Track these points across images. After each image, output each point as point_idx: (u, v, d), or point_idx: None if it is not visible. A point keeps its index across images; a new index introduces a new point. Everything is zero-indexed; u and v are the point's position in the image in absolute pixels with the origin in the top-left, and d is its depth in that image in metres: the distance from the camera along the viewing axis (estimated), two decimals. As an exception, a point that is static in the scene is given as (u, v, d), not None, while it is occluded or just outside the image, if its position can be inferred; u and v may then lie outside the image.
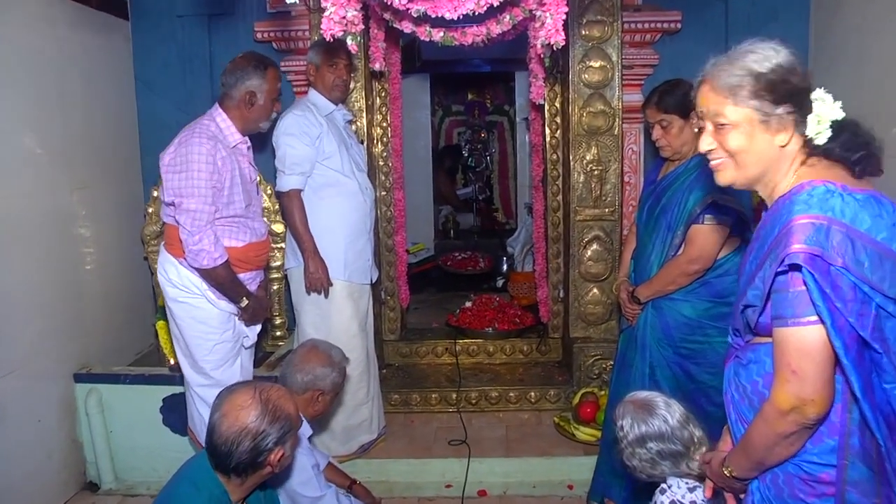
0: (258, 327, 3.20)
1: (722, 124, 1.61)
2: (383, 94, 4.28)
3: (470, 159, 8.62)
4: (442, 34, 2.80)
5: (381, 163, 4.33)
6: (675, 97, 2.77)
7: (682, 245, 2.76)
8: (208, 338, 2.96)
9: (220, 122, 2.90)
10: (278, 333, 4.27)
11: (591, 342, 4.08)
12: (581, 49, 3.86)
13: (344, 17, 2.33)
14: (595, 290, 4.07)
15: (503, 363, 4.47)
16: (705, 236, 2.69)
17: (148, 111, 4.39)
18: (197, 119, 2.92)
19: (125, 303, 4.12)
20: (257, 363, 3.86)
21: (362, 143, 3.83)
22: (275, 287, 4.18)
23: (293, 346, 3.53)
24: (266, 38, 4.12)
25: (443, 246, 7.25)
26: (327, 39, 2.33)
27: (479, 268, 6.50)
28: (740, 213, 2.66)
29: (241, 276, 2.98)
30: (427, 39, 2.84)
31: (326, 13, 2.30)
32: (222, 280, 2.87)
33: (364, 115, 3.96)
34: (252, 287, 3.06)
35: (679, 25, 4.04)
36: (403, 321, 4.63)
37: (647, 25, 4.01)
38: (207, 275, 2.85)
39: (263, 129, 3.02)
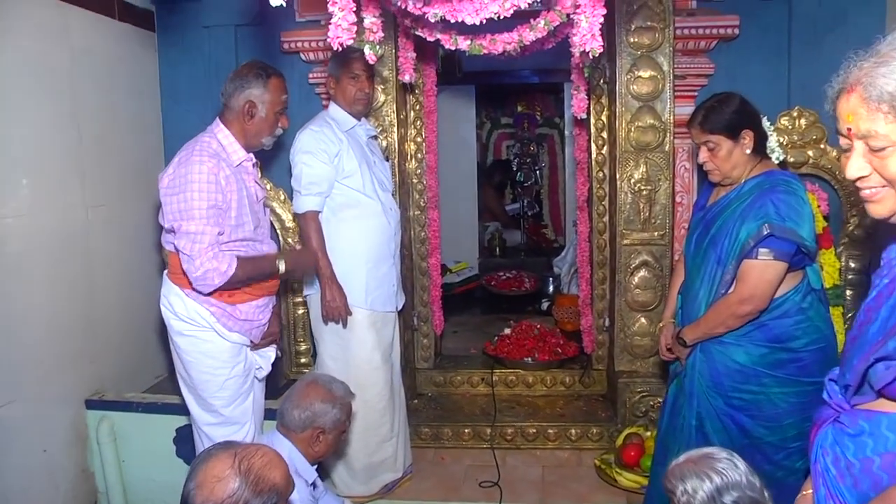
0: (272, 356, 2.96)
1: (881, 147, 1.30)
2: (417, 108, 4.03)
3: (519, 174, 8.32)
4: (469, 42, 2.52)
5: (414, 180, 4.08)
6: (722, 115, 2.45)
7: (734, 282, 2.42)
8: (218, 373, 2.73)
9: (222, 139, 2.68)
10: (303, 360, 4.04)
11: (638, 377, 3.75)
12: (629, 58, 3.55)
13: (354, 24, 2.08)
14: (643, 320, 3.74)
15: (543, 395, 4.16)
16: (759, 273, 2.35)
17: (174, 125, 4.23)
18: (196, 136, 2.70)
19: (142, 326, 3.93)
20: (281, 391, 3.65)
21: (388, 159, 3.57)
22: (300, 311, 3.95)
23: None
24: (293, 49, 3.92)
25: (487, 264, 6.98)
26: (335, 48, 2.09)
27: (524, 288, 6.22)
28: (801, 245, 2.32)
29: (252, 303, 2.75)
30: (453, 48, 2.56)
31: (333, 19, 2.05)
32: (247, 276, 2.65)
33: (396, 129, 3.72)
34: (264, 315, 2.83)
35: (737, 31, 3.68)
36: (438, 348, 4.36)
37: (701, 31, 3.67)
38: (235, 283, 2.62)
39: (267, 146, 2.79)
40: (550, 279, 6.12)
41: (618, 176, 3.65)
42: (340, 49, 2.07)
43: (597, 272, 4.04)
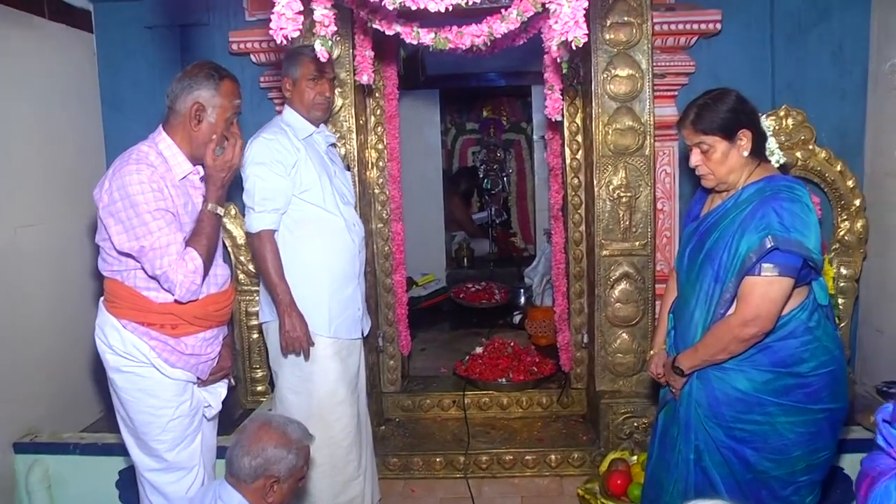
0: (222, 392, 2.65)
1: None
2: (378, 113, 3.75)
3: (486, 181, 8.08)
4: (433, 36, 2.24)
5: (376, 190, 3.80)
6: (716, 114, 2.19)
7: (734, 301, 2.17)
8: (160, 414, 2.41)
9: (164, 149, 2.36)
10: (259, 388, 3.73)
11: (621, 397, 3.50)
12: (605, 56, 3.31)
13: (300, 14, 1.81)
14: (624, 336, 3.50)
15: (519, 417, 3.89)
16: (763, 291, 2.09)
17: (115, 134, 3.90)
18: (135, 145, 2.39)
19: (80, 358, 3.58)
20: (235, 423, 3.35)
21: (350, 169, 3.28)
22: (255, 336, 3.65)
23: (274, 406, 3.03)
24: (242, 50, 3.62)
25: (455, 276, 6.72)
26: (278, 41, 1.81)
27: (494, 301, 5.97)
28: (808, 258, 2.08)
29: (199, 335, 2.44)
30: (415, 42, 2.28)
31: (276, 7, 1.78)
32: (208, 255, 2.36)
33: (355, 136, 3.43)
34: (213, 348, 2.53)
35: (719, 26, 3.46)
36: (405, 370, 4.07)
37: (681, 27, 3.44)
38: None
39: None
40: (522, 290, 5.88)
41: (595, 182, 3.40)
42: (285, 43, 1.79)
43: (573, 285, 3.79)
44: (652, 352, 2.57)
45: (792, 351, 2.14)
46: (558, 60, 2.04)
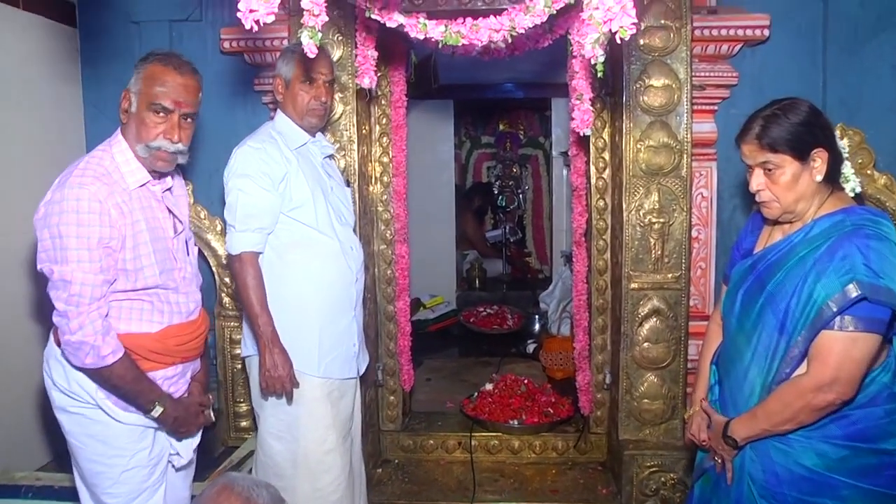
0: (195, 440, 2.28)
1: None
2: (384, 122, 3.39)
3: (501, 198, 7.71)
4: (443, 28, 1.88)
5: (379, 208, 3.43)
6: (787, 127, 1.80)
7: (806, 360, 1.78)
8: (112, 463, 2.07)
9: (118, 154, 2.03)
10: (244, 424, 3.37)
11: (647, 448, 3.11)
12: (638, 63, 2.95)
13: (277, -6, 1.45)
14: (653, 379, 3.11)
15: (532, 463, 3.49)
16: (845, 350, 1.71)
17: (99, 138, 3.45)
18: (93, 151, 2.06)
19: (37, 386, 3.21)
20: (216, 462, 3.04)
21: (350, 185, 2.92)
22: (238, 366, 3.28)
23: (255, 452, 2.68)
24: (235, 49, 3.28)
25: (466, 298, 6.37)
26: (247, 27, 1.45)
27: (506, 327, 5.62)
28: None
29: (158, 374, 2.09)
30: (421, 37, 1.92)
31: (247, -14, 1.42)
32: (118, 382, 1.99)
33: (356, 147, 3.07)
34: (178, 387, 2.17)
35: (766, 33, 3.08)
36: (407, 406, 3.69)
37: (724, 32, 3.05)
38: (97, 375, 1.96)
39: (143, 156, 2.03)
40: (536, 317, 5.53)
41: (624, 205, 3.03)
42: (256, 29, 1.44)
43: (595, 319, 3.39)
44: (691, 410, 2.18)
45: (875, 422, 1.75)
46: (592, 63, 1.68)
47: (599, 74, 1.77)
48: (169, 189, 2.20)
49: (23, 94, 3.17)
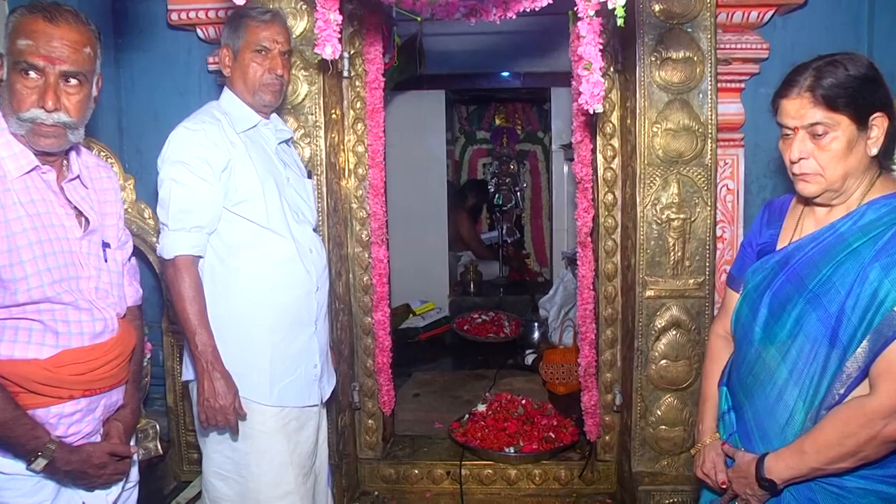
0: (111, 491, 1.83)
1: None
2: (358, 106, 2.94)
3: (497, 196, 7.29)
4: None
5: (354, 205, 2.99)
6: (848, 81, 1.39)
7: (869, 378, 1.37)
8: None
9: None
10: (196, 455, 2.90)
11: (665, 482, 2.68)
12: (653, 32, 2.52)
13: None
14: (672, 402, 2.68)
15: (531, 495, 3.06)
16: None
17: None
18: None
19: None
20: (166, 499, 2.59)
21: (312, 176, 2.46)
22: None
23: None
24: (185, 21, 2.84)
25: (460, 304, 5.95)
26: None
27: (503, 335, 5.22)
28: None
29: (51, 410, 1.64)
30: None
31: None
32: None
33: (322, 134, 2.64)
34: (85, 426, 1.71)
35: (802, -2, 2.66)
36: (388, 430, 3.24)
37: (753, -2, 2.63)
38: None
39: (20, 133, 1.59)
40: (536, 324, 5.11)
41: (638, 200, 2.59)
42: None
43: (603, 331, 2.95)
44: (698, 444, 1.74)
45: None
46: (610, 7, 1.23)
47: (619, 21, 1.33)
48: (77, 178, 1.75)
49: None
